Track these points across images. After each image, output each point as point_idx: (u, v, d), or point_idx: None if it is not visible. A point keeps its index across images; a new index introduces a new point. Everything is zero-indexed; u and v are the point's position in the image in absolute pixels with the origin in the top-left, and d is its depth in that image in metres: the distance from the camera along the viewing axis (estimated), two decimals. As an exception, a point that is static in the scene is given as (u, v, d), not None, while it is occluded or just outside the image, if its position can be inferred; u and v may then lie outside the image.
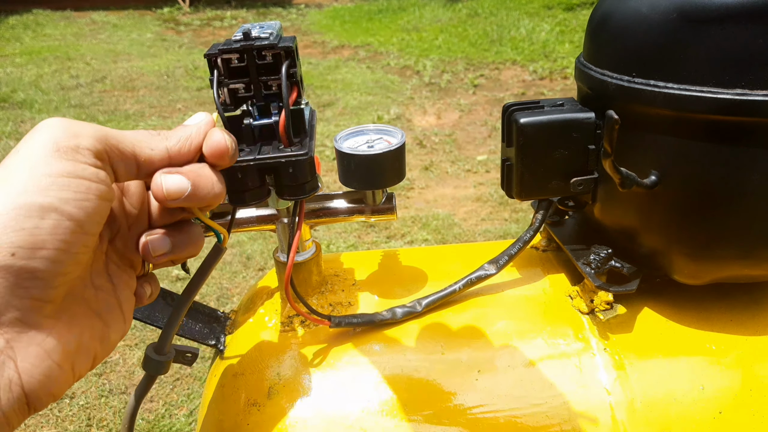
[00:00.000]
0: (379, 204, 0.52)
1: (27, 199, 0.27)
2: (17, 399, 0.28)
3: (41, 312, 0.28)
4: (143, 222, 0.36)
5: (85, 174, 0.29)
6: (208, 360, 0.66)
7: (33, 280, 0.27)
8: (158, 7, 7.86)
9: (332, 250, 2.40)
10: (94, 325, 0.32)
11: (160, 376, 0.43)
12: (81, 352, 0.31)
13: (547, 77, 4.62)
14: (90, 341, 0.32)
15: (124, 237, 0.35)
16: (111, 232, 0.35)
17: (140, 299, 0.37)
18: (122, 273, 0.35)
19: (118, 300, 0.34)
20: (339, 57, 5.63)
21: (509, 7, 6.97)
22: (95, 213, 0.29)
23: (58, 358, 0.29)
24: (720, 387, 0.48)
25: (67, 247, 0.28)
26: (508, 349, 0.50)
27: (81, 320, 0.31)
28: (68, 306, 0.31)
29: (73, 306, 0.31)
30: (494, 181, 2.95)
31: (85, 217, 0.29)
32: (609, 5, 0.47)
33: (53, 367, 0.29)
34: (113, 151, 0.30)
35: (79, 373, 0.31)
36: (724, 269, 0.47)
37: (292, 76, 0.40)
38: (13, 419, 0.28)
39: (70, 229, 0.28)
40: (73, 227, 0.28)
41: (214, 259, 0.40)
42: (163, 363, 0.42)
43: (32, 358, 0.28)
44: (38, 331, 0.28)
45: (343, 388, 0.48)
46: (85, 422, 1.62)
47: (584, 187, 0.51)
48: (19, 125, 3.81)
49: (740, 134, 0.41)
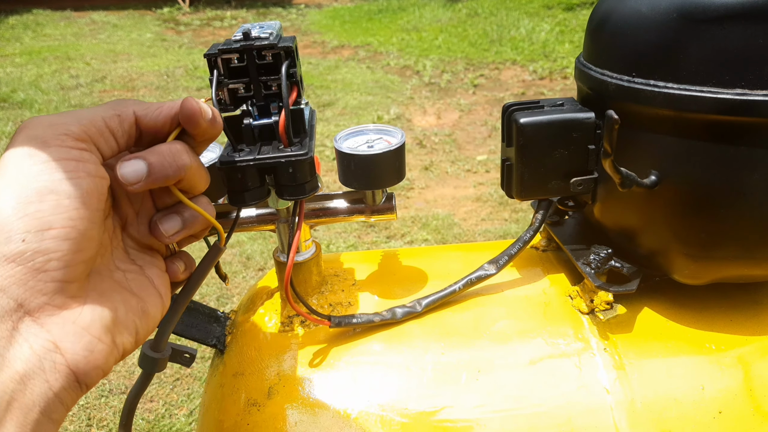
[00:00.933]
0: (379, 204, 0.52)
1: (22, 188, 0.28)
2: (66, 378, 0.28)
3: (67, 292, 0.29)
4: (149, 208, 0.37)
5: (70, 155, 0.30)
6: (208, 360, 0.66)
7: (50, 261, 0.28)
8: (158, 7, 7.86)
9: (332, 250, 2.40)
10: (128, 300, 0.33)
11: (157, 374, 0.43)
12: (120, 325, 0.32)
13: (547, 77, 4.62)
14: (127, 315, 0.33)
15: (135, 224, 0.36)
16: (121, 220, 0.36)
17: (174, 275, 0.38)
18: (145, 256, 0.36)
19: (148, 278, 0.35)
20: (339, 57, 5.63)
21: (509, 7, 6.96)
22: (91, 188, 0.30)
23: (97, 332, 0.30)
24: (720, 387, 0.48)
25: (74, 224, 0.29)
26: (508, 349, 0.50)
27: (112, 296, 0.32)
28: (95, 285, 0.32)
29: (101, 284, 0.32)
30: (494, 181, 2.95)
31: (82, 193, 0.30)
32: (609, 5, 0.47)
33: (93, 341, 0.30)
34: (90, 129, 0.31)
35: (123, 347, 0.32)
36: (724, 269, 0.47)
37: (291, 76, 0.40)
38: (66, 399, 0.29)
39: (71, 206, 0.29)
40: (75, 204, 0.29)
41: (212, 258, 0.40)
42: (159, 360, 0.42)
43: (70, 336, 0.29)
44: (69, 310, 0.29)
45: (343, 388, 0.48)
46: (85, 422, 1.62)
47: (584, 187, 0.51)
48: (18, 125, 3.81)
49: (740, 134, 0.41)
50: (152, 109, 0.34)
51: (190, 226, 0.36)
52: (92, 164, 0.31)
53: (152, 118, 0.34)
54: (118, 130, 0.33)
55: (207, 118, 0.35)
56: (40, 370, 0.28)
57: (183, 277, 0.39)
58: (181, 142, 0.35)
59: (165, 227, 0.35)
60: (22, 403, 0.27)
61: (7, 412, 0.27)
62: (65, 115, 0.31)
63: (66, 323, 0.29)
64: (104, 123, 0.32)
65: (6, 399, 0.27)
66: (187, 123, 0.34)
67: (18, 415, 0.27)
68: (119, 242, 0.35)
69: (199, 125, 0.34)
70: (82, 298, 0.30)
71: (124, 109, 0.33)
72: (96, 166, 0.31)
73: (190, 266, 0.39)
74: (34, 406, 0.27)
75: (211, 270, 0.41)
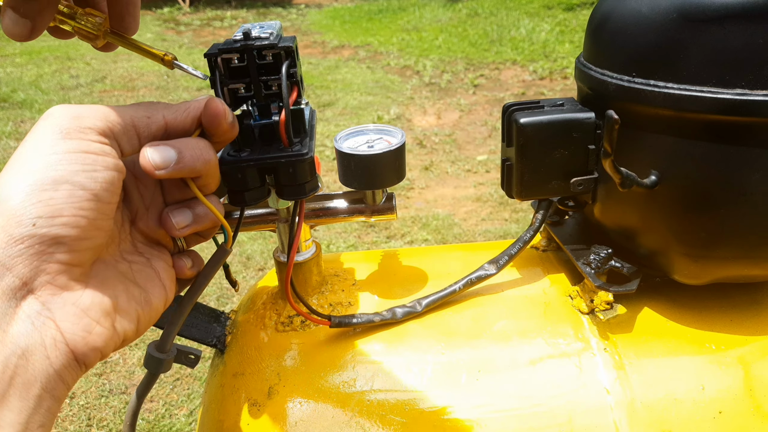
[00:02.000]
0: (379, 204, 0.52)
1: (39, 175, 0.29)
2: (65, 356, 0.29)
3: (70, 274, 0.30)
4: (159, 203, 0.37)
5: (90, 149, 0.31)
6: (209, 360, 0.66)
7: (56, 245, 0.29)
8: (158, 7, 7.86)
9: (332, 250, 2.40)
10: (131, 289, 0.34)
11: (161, 374, 0.43)
12: (120, 312, 0.33)
13: (547, 77, 4.62)
14: (129, 303, 0.33)
15: (144, 218, 0.37)
16: (131, 213, 0.37)
17: (181, 271, 0.38)
18: (152, 250, 0.37)
19: (154, 269, 0.36)
20: (339, 57, 5.63)
21: (509, 7, 6.97)
22: (106, 182, 0.31)
23: (96, 315, 0.31)
24: (720, 387, 0.48)
25: (85, 214, 0.30)
26: (509, 349, 0.50)
27: (114, 284, 0.33)
28: (99, 272, 0.33)
29: (105, 272, 0.33)
30: (494, 181, 2.95)
31: (97, 187, 0.30)
32: (609, 5, 0.47)
33: (92, 324, 0.31)
34: (115, 127, 0.32)
35: (124, 333, 0.33)
36: (724, 269, 0.47)
37: (292, 76, 0.40)
38: (66, 377, 0.30)
39: (84, 197, 0.30)
40: (87, 195, 0.30)
41: (218, 260, 0.40)
42: (164, 361, 0.42)
43: (70, 316, 0.30)
44: (71, 292, 0.30)
45: (343, 388, 0.48)
46: (85, 422, 1.62)
47: (584, 187, 0.51)
48: (19, 125, 3.81)
49: (740, 134, 0.41)
50: (180, 112, 0.35)
51: (199, 222, 0.37)
52: (111, 158, 0.32)
53: (180, 120, 0.35)
54: (144, 131, 0.34)
55: (229, 120, 0.36)
56: (41, 346, 0.29)
57: (190, 274, 0.39)
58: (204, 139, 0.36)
59: (176, 219, 0.36)
60: (24, 378, 0.28)
61: (10, 386, 0.28)
62: (93, 108, 0.32)
63: (66, 304, 0.30)
64: (132, 122, 0.33)
65: (9, 374, 0.28)
66: (209, 124, 0.35)
67: (21, 390, 0.28)
68: (127, 234, 0.36)
69: (221, 126, 0.36)
70: (84, 283, 0.31)
71: (155, 113, 0.34)
72: (114, 160, 0.32)
73: (198, 264, 0.40)
74: (35, 381, 0.28)
75: (217, 272, 0.41)
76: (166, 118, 0.35)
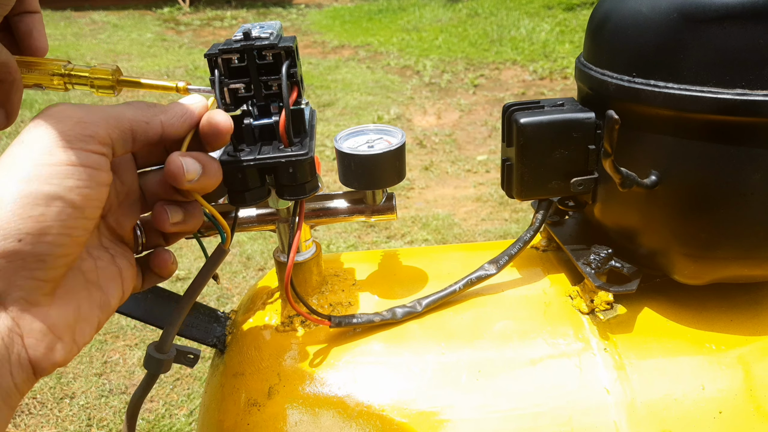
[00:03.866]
0: (379, 204, 0.52)
1: (33, 187, 0.28)
2: (26, 371, 0.30)
3: (43, 290, 0.30)
4: (133, 198, 0.37)
5: (88, 162, 0.30)
6: (208, 360, 0.66)
7: (38, 262, 0.29)
8: (158, 7, 7.86)
9: (332, 250, 2.40)
10: (93, 294, 0.34)
11: (161, 375, 0.43)
12: (82, 321, 0.32)
13: (547, 77, 4.62)
14: (90, 310, 0.33)
15: (115, 213, 0.36)
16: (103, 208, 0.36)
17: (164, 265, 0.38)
18: (117, 247, 0.37)
19: (117, 267, 0.36)
20: (339, 57, 5.63)
21: (509, 7, 6.97)
22: (96, 199, 0.31)
23: (60, 331, 0.31)
24: (720, 387, 0.48)
25: (69, 232, 0.29)
26: (509, 349, 0.50)
27: (78, 293, 0.33)
28: (66, 280, 0.32)
29: (71, 281, 0.32)
30: (494, 181, 2.95)
31: (87, 204, 0.30)
32: (609, 5, 0.47)
33: (55, 341, 0.31)
34: (114, 132, 0.32)
35: (82, 340, 0.33)
36: (724, 269, 0.47)
37: (292, 76, 0.40)
38: (23, 388, 0.30)
39: (73, 215, 0.29)
40: (76, 214, 0.30)
41: (216, 260, 0.40)
42: (164, 361, 0.42)
43: (36, 332, 0.30)
44: (40, 308, 0.30)
45: (343, 388, 0.48)
46: (85, 422, 1.62)
47: (584, 187, 0.51)
48: (19, 125, 3.81)
49: (740, 134, 0.41)
50: (177, 118, 0.35)
51: (190, 220, 0.37)
52: (105, 172, 0.31)
53: (177, 127, 0.35)
54: (141, 136, 0.33)
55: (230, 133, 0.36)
56: (7, 363, 0.28)
57: (173, 269, 0.39)
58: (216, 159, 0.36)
59: (172, 213, 0.36)
60: None
61: None
62: (95, 113, 0.31)
63: (35, 320, 0.30)
64: (129, 127, 0.33)
65: None
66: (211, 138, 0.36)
67: None
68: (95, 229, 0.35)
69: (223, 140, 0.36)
70: (52, 296, 0.31)
71: (153, 118, 0.34)
72: (107, 175, 0.31)
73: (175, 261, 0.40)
74: None
75: (215, 272, 0.41)
76: (163, 123, 0.34)
